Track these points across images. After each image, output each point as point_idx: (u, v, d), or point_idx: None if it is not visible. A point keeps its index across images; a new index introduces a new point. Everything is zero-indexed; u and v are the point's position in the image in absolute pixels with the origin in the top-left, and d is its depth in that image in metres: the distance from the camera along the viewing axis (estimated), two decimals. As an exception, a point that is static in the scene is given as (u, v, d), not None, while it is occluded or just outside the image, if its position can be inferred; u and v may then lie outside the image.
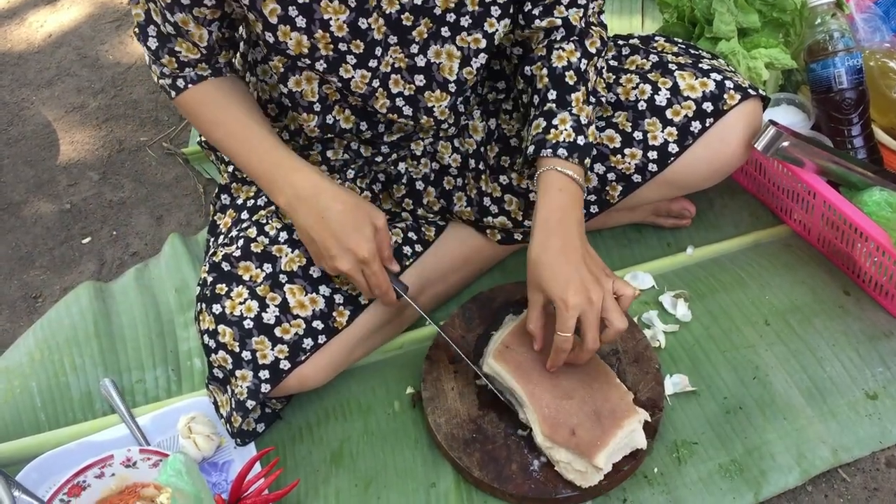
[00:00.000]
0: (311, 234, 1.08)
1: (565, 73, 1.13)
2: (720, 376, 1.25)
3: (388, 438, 1.22)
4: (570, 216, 1.07)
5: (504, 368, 1.16)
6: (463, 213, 1.30)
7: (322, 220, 1.07)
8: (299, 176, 1.09)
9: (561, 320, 1.04)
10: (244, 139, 1.12)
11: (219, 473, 1.18)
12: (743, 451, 1.16)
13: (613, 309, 1.03)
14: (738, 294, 1.35)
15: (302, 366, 1.14)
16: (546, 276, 1.05)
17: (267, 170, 1.10)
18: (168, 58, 1.10)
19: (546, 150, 1.10)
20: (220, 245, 1.20)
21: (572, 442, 1.08)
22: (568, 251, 1.05)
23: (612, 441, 1.08)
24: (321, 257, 1.10)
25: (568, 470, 1.10)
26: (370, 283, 1.11)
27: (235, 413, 1.14)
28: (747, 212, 1.50)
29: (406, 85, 1.14)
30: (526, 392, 1.13)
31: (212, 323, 1.13)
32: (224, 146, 1.13)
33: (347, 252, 1.08)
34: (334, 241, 1.07)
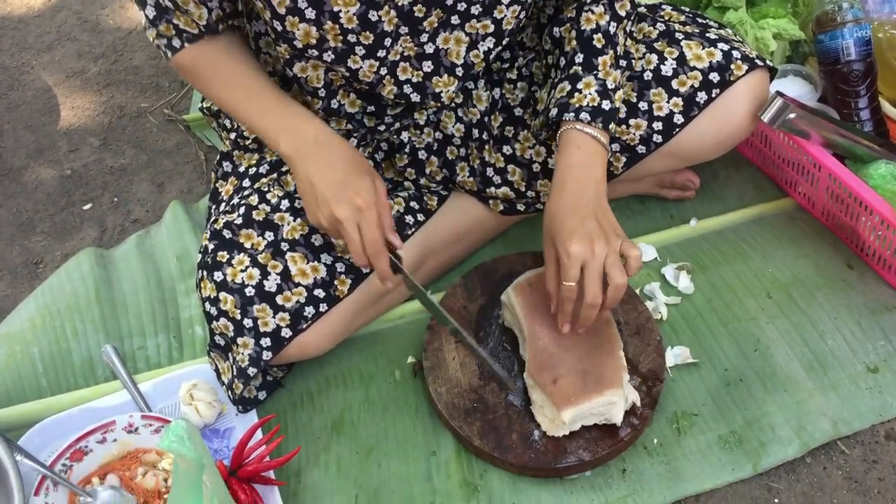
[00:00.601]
0: (313, 179, 1.06)
1: (593, 35, 1.12)
2: (721, 348, 1.25)
3: (389, 407, 1.23)
4: (585, 172, 1.07)
5: (519, 302, 1.18)
6: (465, 183, 1.29)
7: (327, 167, 1.06)
8: (307, 124, 1.08)
9: (563, 269, 1.05)
10: (246, 90, 1.10)
11: (220, 440, 1.18)
12: (743, 423, 1.17)
13: (614, 265, 1.03)
14: (741, 266, 1.35)
15: (303, 334, 1.14)
16: (555, 227, 1.06)
17: (272, 119, 1.09)
18: (165, 25, 1.09)
19: (569, 114, 1.09)
20: (222, 212, 1.20)
21: (549, 388, 1.10)
22: (578, 205, 1.05)
23: (586, 403, 1.09)
24: (318, 206, 1.06)
25: (539, 412, 1.12)
26: (364, 235, 1.06)
27: (237, 380, 1.14)
28: (752, 184, 1.49)
29: (414, 72, 1.13)
30: (528, 329, 1.16)
31: (213, 290, 1.13)
32: (224, 100, 1.12)
33: (346, 198, 1.04)
34: (335, 185, 1.05)
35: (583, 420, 1.11)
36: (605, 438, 1.11)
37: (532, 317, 1.17)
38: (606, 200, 1.08)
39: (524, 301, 1.19)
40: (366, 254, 1.06)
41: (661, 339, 1.22)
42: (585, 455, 1.10)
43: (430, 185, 1.30)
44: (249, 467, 1.09)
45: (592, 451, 1.11)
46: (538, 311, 1.17)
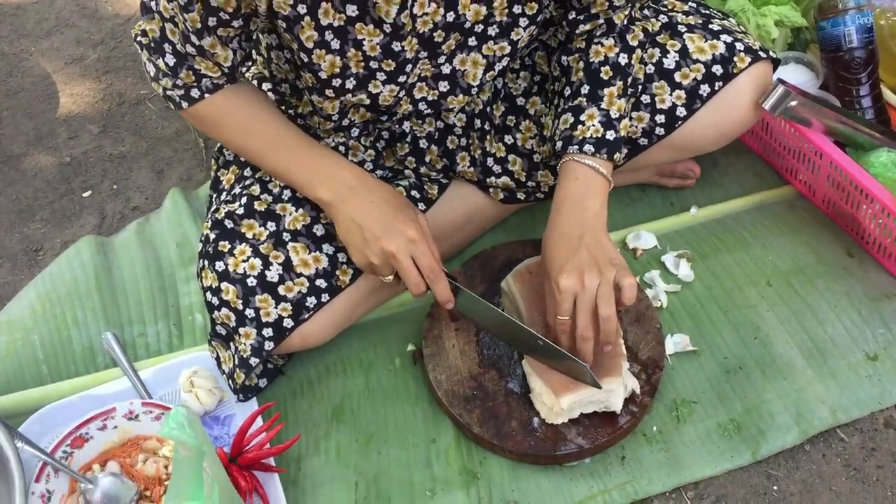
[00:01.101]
0: (359, 219, 1.06)
1: (601, 68, 1.12)
2: (721, 336, 1.25)
3: (389, 394, 1.23)
4: (579, 203, 1.07)
5: (518, 289, 1.18)
6: (466, 172, 1.29)
7: (370, 205, 1.07)
8: (344, 170, 1.09)
9: (556, 303, 1.06)
10: (273, 140, 1.10)
11: (220, 427, 1.19)
12: (742, 411, 1.17)
13: (602, 296, 1.03)
14: (741, 254, 1.35)
15: (305, 324, 1.14)
16: (547, 259, 1.07)
17: (307, 168, 1.09)
18: (186, 72, 1.07)
19: (572, 147, 1.10)
20: (223, 202, 1.20)
21: (547, 375, 1.10)
22: (571, 236, 1.06)
23: (584, 391, 1.09)
24: (366, 244, 1.06)
25: (538, 400, 1.12)
26: (420, 264, 1.06)
27: (238, 370, 1.15)
28: (752, 172, 1.49)
29: (430, 91, 1.13)
30: (528, 316, 1.16)
31: (215, 280, 1.13)
32: (249, 150, 1.12)
33: (396, 231, 1.05)
34: (382, 222, 1.05)
35: (582, 408, 1.11)
36: (604, 426, 1.12)
37: (531, 304, 1.17)
38: (604, 231, 1.07)
39: (523, 288, 1.19)
40: (424, 281, 1.07)
41: (660, 326, 1.22)
42: (585, 442, 1.11)
43: (430, 173, 1.30)
44: (250, 454, 1.09)
45: (592, 439, 1.11)
46: (537, 299, 1.17)
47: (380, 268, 1.08)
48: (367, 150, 1.26)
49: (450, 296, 1.10)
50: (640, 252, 1.37)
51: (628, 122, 1.14)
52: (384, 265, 1.08)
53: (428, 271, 1.07)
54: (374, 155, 1.27)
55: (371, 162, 1.27)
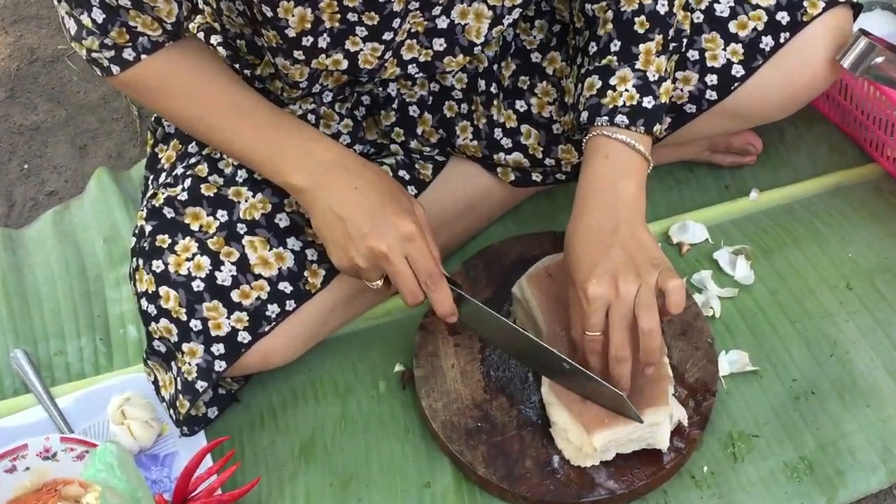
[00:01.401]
0: (341, 211, 1.05)
1: (635, 18, 1.11)
2: (788, 353, 1.25)
3: (372, 427, 1.23)
4: (611, 189, 1.06)
5: (535, 296, 1.17)
6: (468, 147, 1.29)
7: (355, 192, 1.06)
8: (322, 147, 1.09)
9: (584, 317, 1.05)
10: (234, 111, 1.09)
11: (160, 468, 1.19)
12: (815, 447, 1.17)
13: (644, 305, 1.02)
14: (814, 250, 1.35)
15: (265, 338, 1.14)
16: (572, 261, 1.06)
17: (274, 143, 1.08)
18: (118, 30, 1.05)
19: (601, 118, 1.09)
20: (162, 185, 1.20)
21: (576, 407, 1.10)
22: (601, 231, 1.05)
23: (623, 427, 1.09)
24: (350, 242, 1.05)
25: (561, 437, 1.12)
26: (417, 267, 1.06)
27: (182, 396, 1.14)
28: (827, 146, 1.49)
29: (422, 51, 1.13)
30: (548, 331, 1.15)
31: (151, 284, 1.13)
32: (201, 125, 1.10)
33: (387, 226, 1.04)
34: (370, 214, 1.05)
35: (619, 447, 1.10)
36: (642, 465, 1.12)
37: (552, 315, 1.17)
38: (642, 222, 1.07)
39: (542, 295, 1.19)
40: (421, 288, 1.07)
41: (712, 341, 1.22)
42: (618, 486, 1.11)
43: (423, 149, 1.30)
44: (197, 502, 1.09)
45: (627, 482, 1.11)
46: (559, 308, 1.17)
47: (367, 271, 1.08)
48: (342, 119, 1.26)
49: (452, 307, 1.09)
50: (686, 248, 1.37)
51: (671, 86, 1.13)
52: (372, 268, 1.07)
53: (426, 276, 1.06)
54: (352, 126, 1.27)
55: (348, 135, 1.27)
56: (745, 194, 1.44)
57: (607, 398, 1.09)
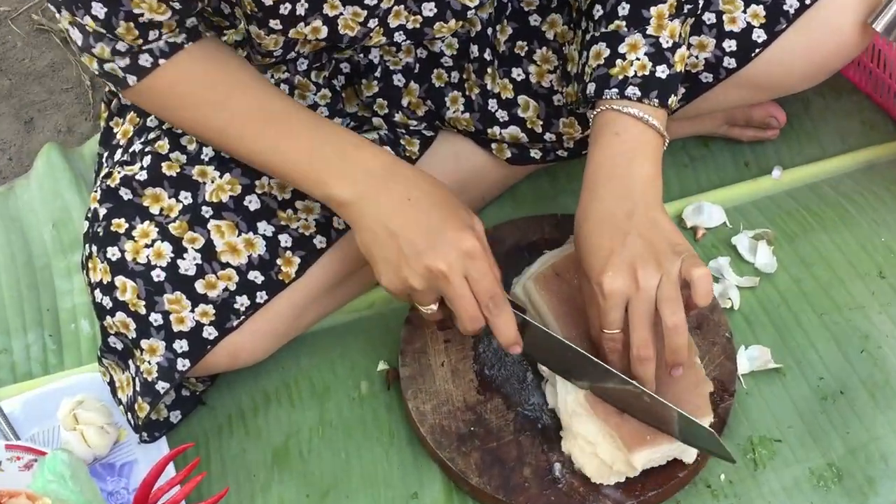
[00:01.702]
0: (392, 225, 1.04)
1: None
2: (815, 349, 1.26)
3: (353, 432, 1.23)
4: (625, 169, 1.06)
5: (544, 300, 1.16)
6: (459, 121, 1.29)
7: (408, 204, 1.04)
8: (366, 153, 1.07)
9: (601, 313, 1.04)
10: (266, 118, 1.08)
11: (117, 479, 1.19)
12: (844, 452, 1.18)
13: (668, 298, 1.02)
14: (843, 234, 1.36)
15: (234, 334, 1.14)
16: (583, 248, 1.05)
17: (312, 153, 1.07)
18: (125, 24, 1.02)
19: (610, 91, 1.08)
20: (118, 163, 1.19)
21: (614, 422, 1.09)
22: (615, 217, 1.04)
23: (667, 445, 1.09)
24: (405, 261, 1.03)
25: (583, 451, 1.11)
26: (478, 289, 1.04)
27: (141, 399, 1.15)
28: (858, 119, 1.49)
29: (410, 17, 1.13)
30: (564, 333, 1.14)
31: (107, 273, 1.13)
32: (229, 136, 1.09)
33: (447, 243, 1.03)
34: (427, 230, 1.03)
35: (651, 463, 1.10)
36: (654, 474, 1.12)
37: (565, 319, 1.15)
38: (660, 205, 1.06)
39: (552, 298, 1.17)
40: (482, 312, 1.05)
41: (730, 335, 1.22)
42: (627, 498, 1.11)
43: (408, 122, 1.30)
44: (158, 517, 1.09)
45: (636, 493, 1.11)
46: (572, 311, 1.15)
47: (421, 293, 1.06)
48: (319, 90, 1.26)
49: (516, 334, 1.07)
50: (701, 232, 1.38)
51: (685, 52, 1.13)
52: (428, 290, 1.05)
53: (488, 298, 1.04)
54: (330, 97, 1.27)
55: (326, 107, 1.27)
56: (766, 172, 1.45)
57: (655, 413, 1.07)
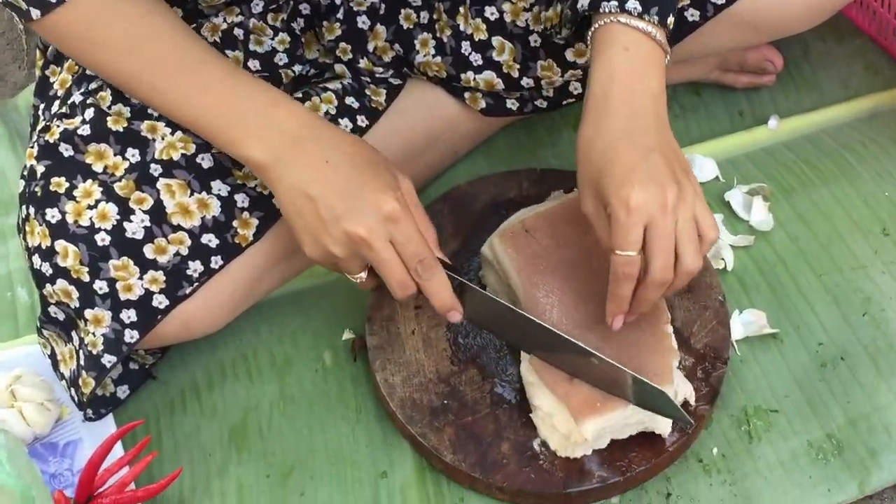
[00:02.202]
0: (309, 189, 1.04)
1: None
2: (814, 312, 1.27)
3: (316, 407, 1.23)
4: (639, 86, 1.05)
5: (510, 257, 1.17)
6: (430, 65, 1.29)
7: (326, 166, 1.05)
8: (283, 111, 1.07)
9: (621, 230, 1.02)
10: (180, 67, 1.07)
11: (59, 460, 1.19)
12: (844, 423, 1.19)
13: (688, 236, 1.01)
14: (845, 188, 1.36)
15: (186, 302, 1.14)
16: (600, 164, 1.03)
17: (227, 109, 1.07)
18: None
19: (608, 4, 1.07)
20: (56, 116, 1.18)
21: (562, 389, 1.10)
22: (634, 134, 1.03)
23: (619, 411, 1.09)
24: (323, 227, 1.04)
25: (545, 424, 1.13)
26: (405, 253, 1.05)
27: (86, 374, 1.14)
28: (861, 64, 1.50)
29: None
30: (527, 297, 1.15)
31: (46, 237, 1.12)
32: (140, 83, 1.08)
33: (366, 206, 1.03)
34: (346, 193, 1.03)
35: (614, 433, 1.11)
36: (641, 449, 1.13)
37: (532, 279, 1.17)
38: (669, 127, 1.05)
39: (518, 256, 1.18)
40: (412, 276, 1.06)
41: (723, 299, 1.23)
42: (612, 474, 1.12)
43: (374, 69, 1.29)
44: (106, 500, 1.09)
45: (622, 468, 1.12)
46: (540, 271, 1.17)
47: (345, 261, 1.06)
48: (276, 34, 1.25)
49: (452, 299, 1.08)
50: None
51: None
52: (351, 256, 1.06)
53: (416, 262, 1.05)
54: (289, 42, 1.26)
55: (285, 53, 1.26)
56: (762, 122, 1.45)
57: (607, 378, 1.08)
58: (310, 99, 1.24)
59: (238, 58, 1.22)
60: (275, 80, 1.24)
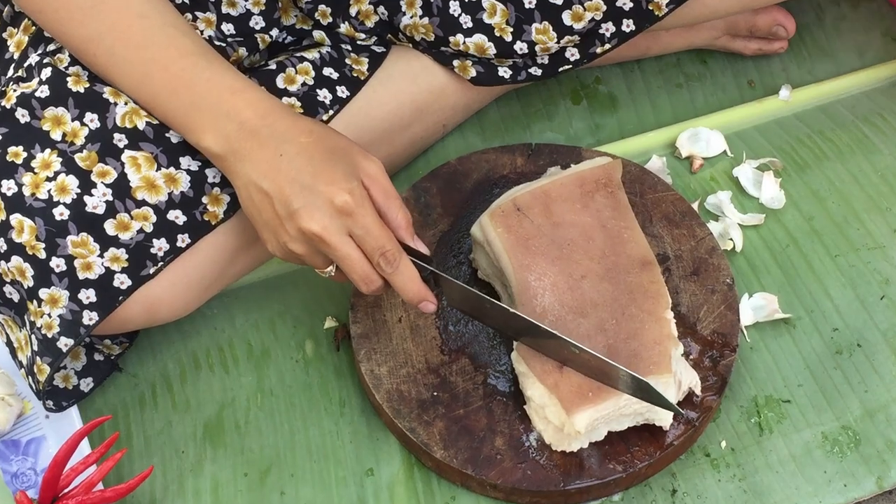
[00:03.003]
0: (264, 184, 1.05)
1: None
2: (828, 296, 1.27)
3: (297, 400, 1.23)
4: None
5: (501, 238, 1.17)
6: (416, 28, 1.28)
7: (281, 159, 1.05)
8: (242, 100, 1.08)
9: None
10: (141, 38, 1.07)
11: (22, 458, 1.18)
12: (861, 414, 1.19)
13: None
14: (860, 163, 1.36)
15: (150, 283, 1.14)
16: None
17: (185, 93, 1.07)
18: None
19: None
20: (12, 79, 1.18)
21: (552, 379, 1.11)
22: None
23: (612, 401, 1.09)
24: (280, 224, 1.05)
25: (537, 415, 1.13)
26: (365, 247, 1.05)
27: (40, 359, 1.13)
28: (879, 30, 1.50)
29: None
30: (518, 281, 1.15)
31: (0, 211, 1.12)
32: (99, 49, 1.08)
33: (316, 199, 1.04)
34: (299, 186, 1.04)
35: (610, 425, 1.12)
36: (643, 443, 1.13)
37: (524, 261, 1.17)
38: None
39: (509, 236, 1.18)
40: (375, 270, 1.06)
41: (732, 282, 1.23)
42: (613, 470, 1.12)
43: (356, 35, 1.29)
44: (72, 501, 1.09)
45: (624, 463, 1.12)
46: (534, 252, 1.17)
47: (309, 257, 1.08)
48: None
49: (422, 290, 1.09)
50: (699, 162, 1.37)
51: None
52: (313, 253, 1.07)
53: (378, 255, 1.06)
54: (265, 4, 1.25)
55: (260, 15, 1.25)
56: (773, 93, 1.45)
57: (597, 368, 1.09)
58: (284, 70, 1.24)
59: (210, 20, 1.22)
60: (250, 45, 1.24)
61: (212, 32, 1.22)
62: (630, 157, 1.33)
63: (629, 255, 1.17)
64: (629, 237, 1.19)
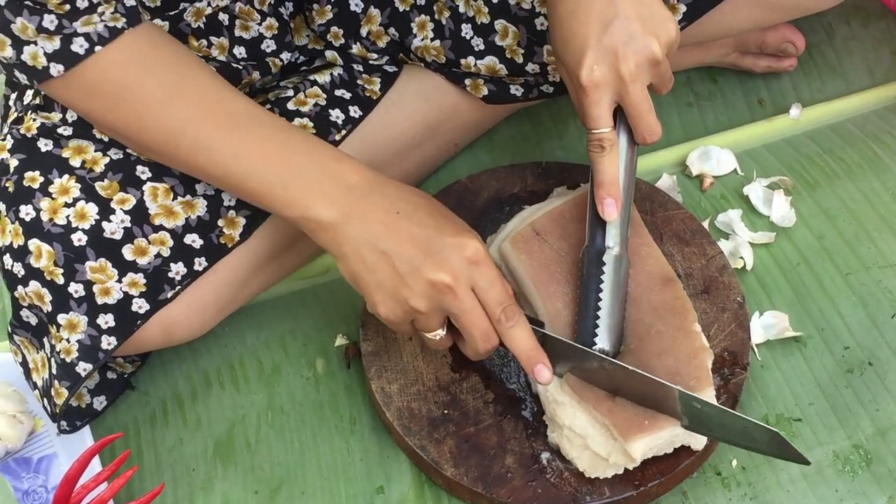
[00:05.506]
0: (382, 243, 1.03)
1: None
2: (839, 314, 1.27)
3: (308, 418, 1.23)
4: None
5: (524, 264, 1.17)
6: (427, 50, 1.29)
7: (398, 217, 1.04)
8: (346, 167, 1.06)
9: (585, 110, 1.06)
10: (228, 121, 1.06)
11: (33, 476, 1.19)
12: (872, 432, 1.19)
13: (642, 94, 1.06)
14: (871, 182, 1.36)
15: (168, 307, 1.14)
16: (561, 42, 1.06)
17: (285, 165, 1.05)
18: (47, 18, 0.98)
19: None
20: (30, 107, 1.18)
21: (606, 407, 1.10)
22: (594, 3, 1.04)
23: (669, 429, 1.09)
24: (402, 281, 1.03)
25: (573, 444, 1.12)
26: (487, 300, 1.04)
27: (59, 383, 1.14)
28: (889, 48, 1.50)
29: None
30: (549, 309, 1.14)
31: (18, 236, 1.12)
32: (182, 141, 1.06)
33: (445, 251, 1.02)
34: (423, 241, 1.02)
35: (654, 451, 1.11)
36: (655, 462, 1.12)
37: (549, 288, 1.16)
38: None
39: (532, 261, 1.17)
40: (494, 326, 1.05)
41: (743, 300, 1.23)
42: (624, 489, 1.12)
43: (368, 55, 1.29)
44: (83, 519, 1.09)
45: (636, 483, 1.12)
46: (557, 277, 1.16)
47: (427, 315, 1.05)
48: (264, 19, 1.25)
49: (539, 350, 1.07)
50: (709, 181, 1.38)
51: None
52: (434, 309, 1.04)
53: (500, 309, 1.04)
54: (277, 27, 1.26)
55: (273, 39, 1.26)
56: (783, 111, 1.45)
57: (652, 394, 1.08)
58: (296, 94, 1.25)
59: (223, 44, 1.22)
60: (263, 69, 1.24)
61: (224, 58, 1.22)
62: (641, 176, 1.33)
63: (649, 273, 1.17)
64: (647, 254, 1.18)
